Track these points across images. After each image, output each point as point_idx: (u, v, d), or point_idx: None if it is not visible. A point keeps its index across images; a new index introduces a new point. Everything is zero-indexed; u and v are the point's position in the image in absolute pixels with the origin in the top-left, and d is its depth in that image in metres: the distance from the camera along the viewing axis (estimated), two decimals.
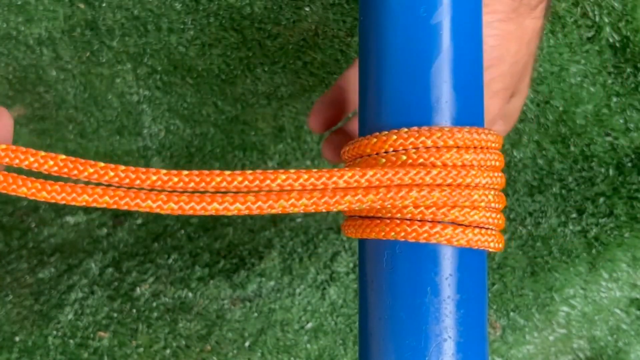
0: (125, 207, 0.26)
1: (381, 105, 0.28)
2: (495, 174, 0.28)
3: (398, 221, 0.27)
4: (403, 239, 0.27)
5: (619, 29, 0.63)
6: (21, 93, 0.69)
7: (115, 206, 0.25)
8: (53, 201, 0.25)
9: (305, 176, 0.26)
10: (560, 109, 0.64)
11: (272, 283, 0.64)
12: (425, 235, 0.27)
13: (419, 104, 0.27)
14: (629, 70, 0.63)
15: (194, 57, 0.66)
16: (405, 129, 0.27)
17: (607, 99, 0.63)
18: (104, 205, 0.25)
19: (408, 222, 0.27)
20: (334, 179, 0.26)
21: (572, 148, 0.64)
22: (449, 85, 0.27)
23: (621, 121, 0.63)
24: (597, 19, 0.63)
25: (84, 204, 0.25)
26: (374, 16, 0.28)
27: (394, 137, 0.27)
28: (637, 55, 0.62)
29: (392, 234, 0.27)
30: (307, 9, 0.64)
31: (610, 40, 0.63)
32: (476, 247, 0.27)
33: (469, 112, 0.28)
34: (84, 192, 0.25)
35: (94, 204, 0.25)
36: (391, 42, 0.28)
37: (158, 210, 0.25)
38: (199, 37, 0.64)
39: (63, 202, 0.25)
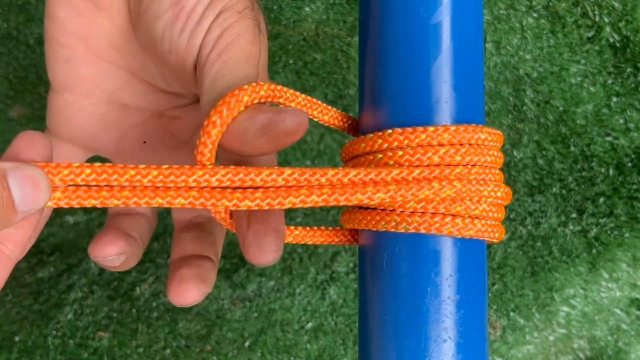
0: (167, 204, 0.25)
1: (381, 105, 0.28)
2: (494, 171, 0.28)
3: (398, 212, 0.27)
4: (404, 231, 0.27)
5: (619, 29, 0.62)
6: (21, 93, 0.69)
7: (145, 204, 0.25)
8: (124, 205, 0.25)
9: (310, 172, 0.26)
10: (560, 109, 0.64)
11: (272, 283, 0.64)
12: (426, 225, 0.27)
13: (419, 103, 0.27)
14: (629, 70, 0.63)
15: None
16: (399, 129, 0.27)
17: (607, 99, 0.63)
18: (144, 205, 0.25)
19: (408, 213, 0.27)
20: (339, 176, 0.26)
21: (572, 148, 0.64)
22: (449, 85, 0.27)
23: (621, 121, 0.63)
24: (597, 19, 0.63)
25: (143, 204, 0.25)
26: (374, 16, 0.28)
27: (389, 137, 0.27)
28: (637, 55, 0.62)
29: (393, 223, 0.27)
30: (307, 9, 0.64)
31: (611, 40, 0.63)
32: (475, 238, 0.27)
33: (469, 112, 0.28)
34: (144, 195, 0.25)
35: (134, 204, 0.25)
36: (391, 42, 0.28)
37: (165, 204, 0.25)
38: None
39: (134, 205, 0.25)
